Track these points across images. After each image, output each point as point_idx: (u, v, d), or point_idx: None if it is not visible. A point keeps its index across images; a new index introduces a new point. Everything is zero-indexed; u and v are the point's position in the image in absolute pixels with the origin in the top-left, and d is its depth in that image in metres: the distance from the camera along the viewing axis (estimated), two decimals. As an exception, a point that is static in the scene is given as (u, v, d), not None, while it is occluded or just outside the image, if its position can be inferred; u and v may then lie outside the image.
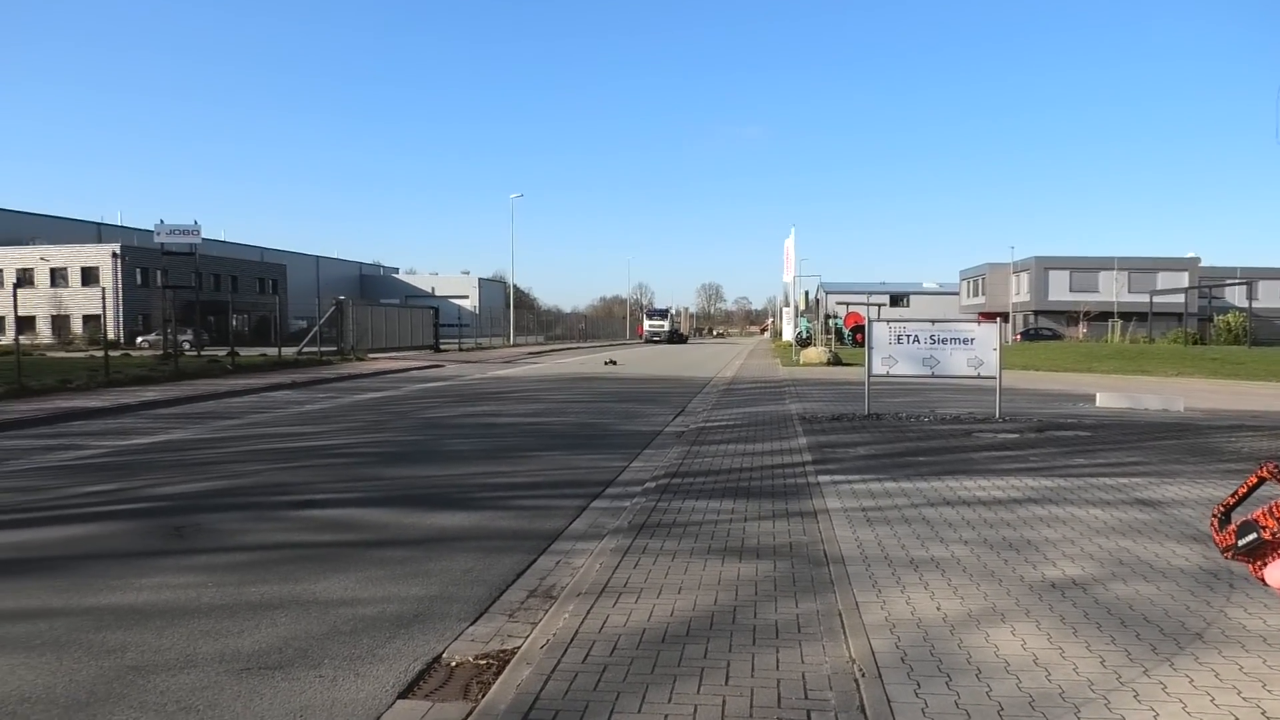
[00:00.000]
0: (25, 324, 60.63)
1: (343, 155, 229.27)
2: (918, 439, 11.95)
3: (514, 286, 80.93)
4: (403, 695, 4.09)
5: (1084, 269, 75.79)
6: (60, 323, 65.13)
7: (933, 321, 14.59)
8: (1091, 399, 17.90)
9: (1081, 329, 70.67)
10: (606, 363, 36.65)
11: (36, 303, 64.43)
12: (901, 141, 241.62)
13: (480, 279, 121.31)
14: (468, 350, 53.08)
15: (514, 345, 65.07)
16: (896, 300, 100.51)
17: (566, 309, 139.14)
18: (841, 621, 4.75)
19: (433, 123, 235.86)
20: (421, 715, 3.88)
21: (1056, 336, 70.33)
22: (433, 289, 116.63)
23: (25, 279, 66.10)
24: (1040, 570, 5.67)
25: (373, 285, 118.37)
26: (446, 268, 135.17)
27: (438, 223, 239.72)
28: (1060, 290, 75.81)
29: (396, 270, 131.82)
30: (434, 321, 57.25)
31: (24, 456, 11.46)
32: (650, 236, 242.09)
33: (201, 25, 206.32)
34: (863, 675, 4.03)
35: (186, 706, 3.95)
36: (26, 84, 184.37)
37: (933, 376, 14.55)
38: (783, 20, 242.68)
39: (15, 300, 24.64)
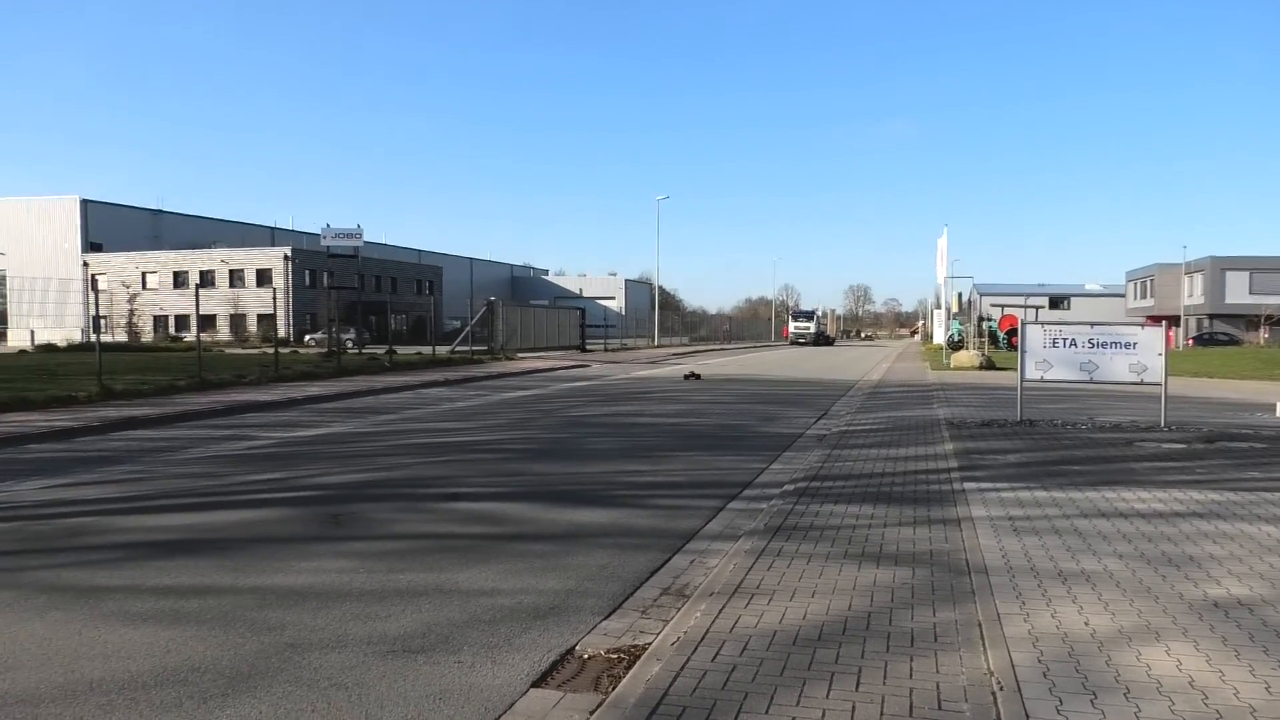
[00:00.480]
0: (206, 322, 65.21)
1: (497, 160, 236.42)
2: (1073, 447, 11.40)
3: (659, 288, 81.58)
4: (536, 684, 4.22)
5: (1266, 269, 70.49)
6: (237, 321, 69.74)
7: (1091, 324, 13.87)
8: (1271, 408, 16.64)
9: (1262, 334, 65.72)
10: (687, 376, 27.60)
11: (217, 302, 69.19)
12: (1062, 133, 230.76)
13: (627, 280, 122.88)
14: (613, 350, 53.83)
15: (658, 346, 65.57)
16: (1056, 303, 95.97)
17: (712, 310, 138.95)
18: (981, 632, 4.60)
19: (581, 126, 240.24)
20: (553, 704, 3.98)
21: (1234, 342, 65.67)
22: (580, 290, 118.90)
23: (207, 280, 71.06)
24: (1202, 588, 5.34)
25: (523, 286, 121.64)
26: (594, 269, 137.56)
27: (587, 225, 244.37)
28: (1239, 292, 70.77)
29: (546, 272, 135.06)
30: (580, 322, 58.34)
31: (202, 445, 12.35)
32: (797, 237, 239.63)
33: (363, 39, 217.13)
34: (1001, 689, 3.90)
35: (337, 683, 4.19)
36: (211, 100, 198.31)
37: (1091, 382, 13.85)
38: (932, 11, 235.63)
39: (197, 300, 26.55)
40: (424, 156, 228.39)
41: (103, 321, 52.96)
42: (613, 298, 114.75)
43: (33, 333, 61.13)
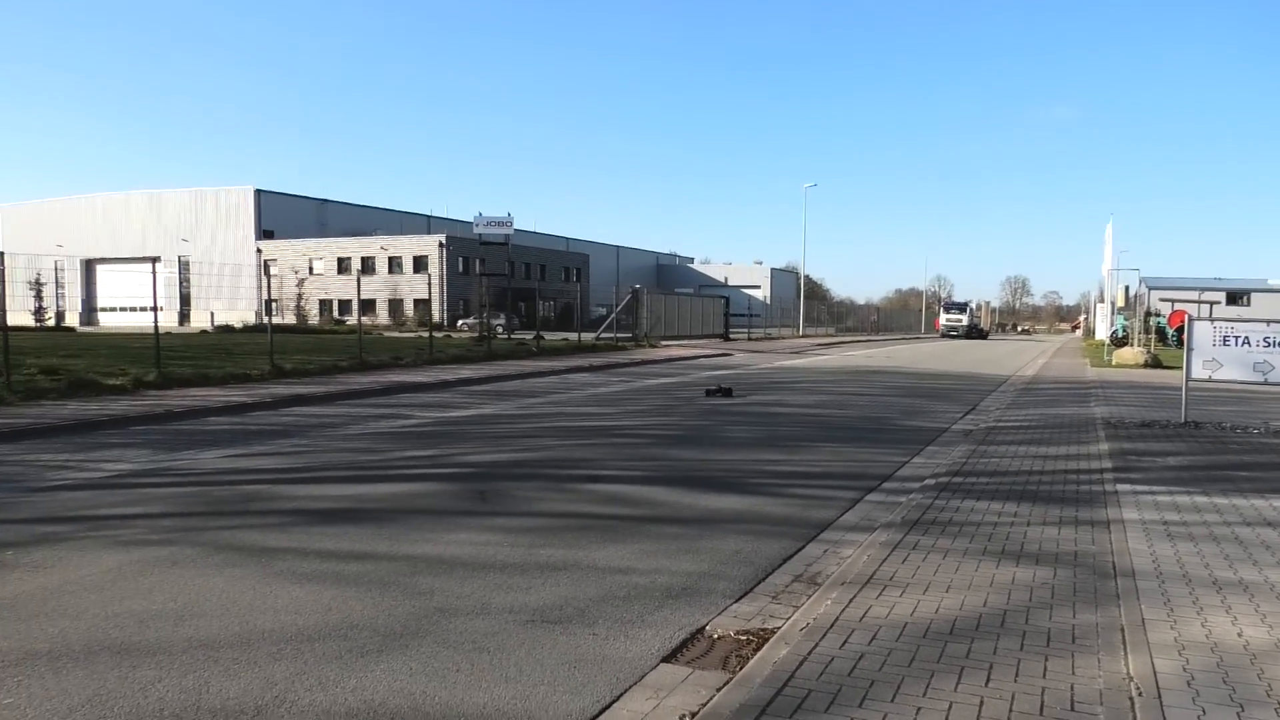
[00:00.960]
0: (367, 306, 68.47)
1: (646, 149, 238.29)
2: (1241, 452, 10.75)
3: (805, 277, 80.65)
4: (666, 659, 4.37)
5: None
6: (395, 305, 72.91)
7: (1267, 322, 12.98)
8: None
9: None
10: (710, 391, 17.83)
11: (376, 287, 72.50)
12: (1241, 115, 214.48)
13: (772, 269, 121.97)
14: (756, 339, 53.61)
15: (803, 336, 64.87)
16: (1234, 298, 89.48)
17: (859, 301, 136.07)
18: (1123, 637, 4.48)
19: (729, 113, 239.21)
20: (682, 679, 4.13)
21: None
22: (725, 278, 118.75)
23: (368, 266, 74.56)
24: (1375, 605, 5.00)
25: (668, 274, 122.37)
26: (740, 257, 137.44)
27: (733, 213, 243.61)
28: None
29: (691, 260, 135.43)
30: (724, 311, 58.31)
31: (361, 423, 13.09)
32: (951, 226, 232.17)
33: (513, 36, 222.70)
34: (1139, 695, 3.80)
35: (480, 647, 4.45)
36: (371, 93, 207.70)
37: (1265, 384, 12.98)
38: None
39: (359, 285, 28.06)
40: (573, 145, 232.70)
41: (273, 305, 56.37)
42: (758, 286, 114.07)
43: (212, 314, 65.83)
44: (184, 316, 79.47)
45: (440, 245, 74.51)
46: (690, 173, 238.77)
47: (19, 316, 41.98)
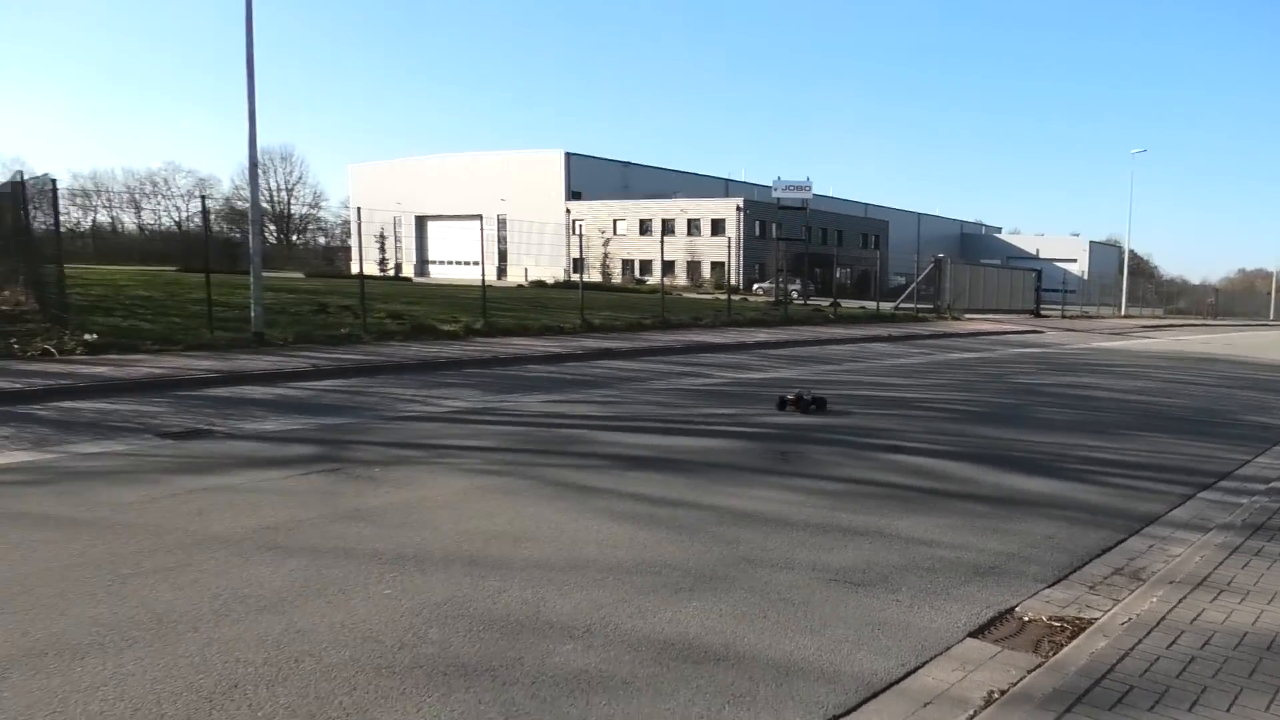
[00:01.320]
0: (666, 267, 70.65)
1: (951, 112, 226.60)
2: None
3: (1129, 251, 73.80)
4: (973, 635, 4.32)
5: None
6: (692, 267, 74.77)
7: None
8: None
9: None
10: (782, 403, 11.19)
11: (675, 249, 74.60)
12: None
13: (1091, 242, 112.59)
14: (1071, 318, 49.88)
15: (1125, 316, 59.48)
16: None
17: (1194, 280, 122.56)
18: None
19: (1042, 74, 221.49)
20: (990, 656, 4.07)
21: None
22: (1037, 250, 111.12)
23: (667, 228, 76.76)
24: None
25: (973, 244, 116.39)
26: (1054, 228, 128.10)
27: (1047, 180, 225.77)
28: None
29: (999, 230, 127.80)
30: (1035, 285, 54.70)
31: (664, 379, 13.70)
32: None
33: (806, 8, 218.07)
34: None
35: (785, 599, 4.62)
36: (666, 57, 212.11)
37: None
38: None
39: (662, 246, 29.13)
40: (872, 112, 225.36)
41: (581, 263, 59.66)
42: (1074, 260, 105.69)
43: (526, 270, 70.68)
44: (501, 271, 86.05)
45: (738, 209, 75.29)
46: (999, 137, 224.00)
47: (366, 266, 47.33)
